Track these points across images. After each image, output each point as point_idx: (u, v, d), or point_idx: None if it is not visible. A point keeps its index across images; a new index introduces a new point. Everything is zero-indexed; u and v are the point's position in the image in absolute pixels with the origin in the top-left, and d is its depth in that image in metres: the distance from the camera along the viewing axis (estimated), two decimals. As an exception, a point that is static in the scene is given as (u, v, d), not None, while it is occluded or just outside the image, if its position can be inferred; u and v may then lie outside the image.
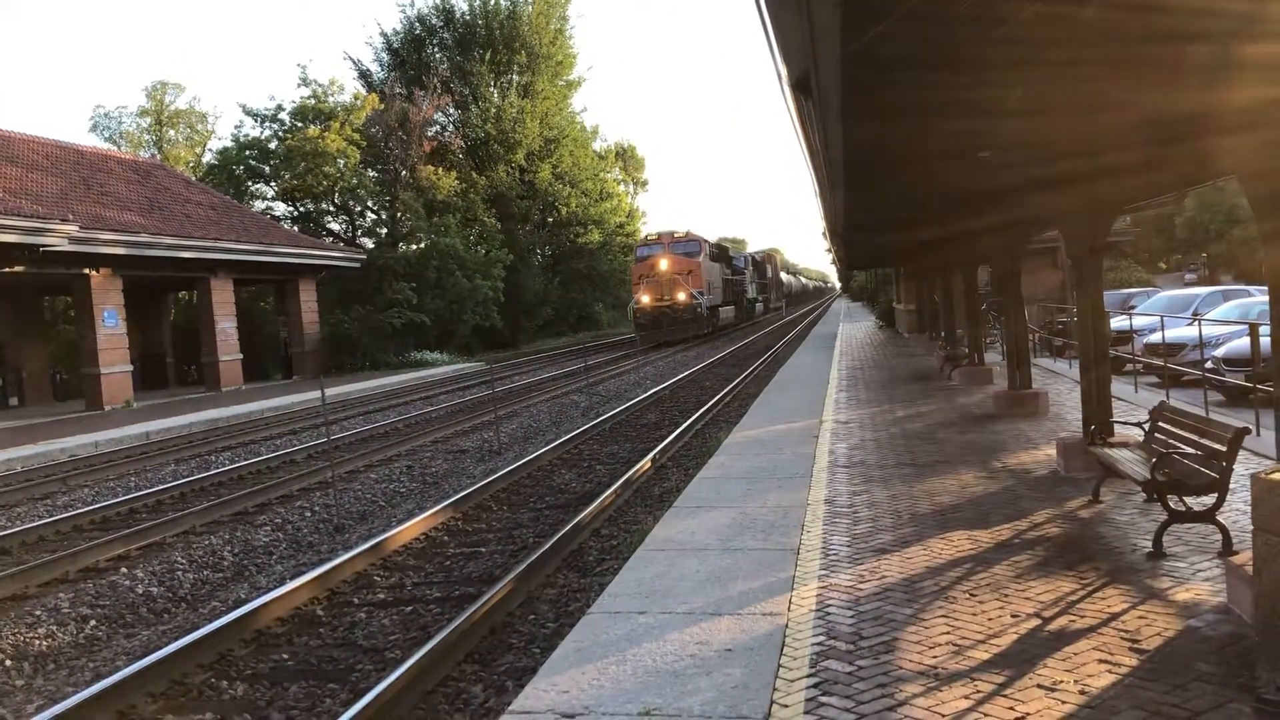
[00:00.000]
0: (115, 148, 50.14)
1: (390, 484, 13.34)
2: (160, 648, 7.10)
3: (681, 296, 43.25)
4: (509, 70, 56.61)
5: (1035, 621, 5.29)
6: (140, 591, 8.83)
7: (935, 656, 4.88)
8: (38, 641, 7.63)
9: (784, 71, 4.79)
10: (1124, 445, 8.24)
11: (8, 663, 7.23)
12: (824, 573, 6.42)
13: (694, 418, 17.29)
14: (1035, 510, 7.76)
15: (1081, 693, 4.37)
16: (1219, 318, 16.59)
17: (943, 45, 4.69)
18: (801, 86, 4.85)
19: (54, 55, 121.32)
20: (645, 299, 43.58)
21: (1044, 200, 9.57)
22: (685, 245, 45.46)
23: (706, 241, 47.69)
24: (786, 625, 5.47)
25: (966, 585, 5.99)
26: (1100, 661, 4.70)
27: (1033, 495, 8.30)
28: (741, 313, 61.38)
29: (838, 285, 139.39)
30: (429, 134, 50.84)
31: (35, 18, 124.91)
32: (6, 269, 25.73)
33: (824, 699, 4.48)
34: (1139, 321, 18.25)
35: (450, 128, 54.91)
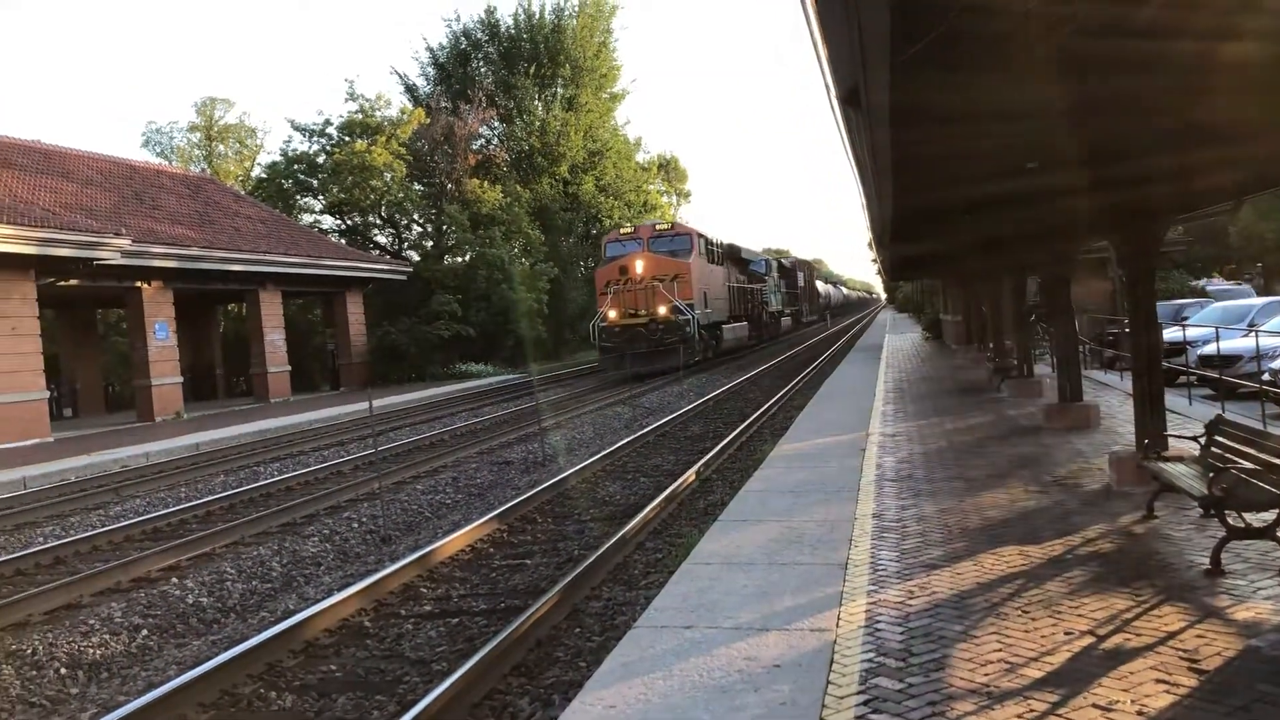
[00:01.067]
0: (166, 163, 51.03)
1: (436, 495, 13.41)
2: (210, 658, 7.16)
3: (662, 310, 32.57)
4: (553, 83, 56.93)
5: (1089, 639, 5.19)
6: (190, 601, 8.93)
7: (987, 674, 4.80)
8: (91, 650, 7.73)
9: (833, 85, 4.77)
10: (1179, 459, 8.08)
11: (63, 671, 7.33)
12: (873, 588, 6.35)
13: (738, 430, 17.23)
14: (1087, 525, 7.63)
15: (1139, 713, 4.28)
16: (1276, 328, 16.26)
17: (993, 54, 4.64)
18: (850, 99, 4.82)
19: (107, 74, 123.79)
20: (612, 314, 33.08)
21: (1095, 209, 9.43)
22: (670, 241, 35.05)
23: (701, 236, 36.39)
24: (835, 641, 5.41)
25: (1018, 601, 5.89)
26: (1158, 681, 4.60)
27: (1085, 510, 8.17)
28: (761, 329, 50.27)
29: (883, 296, 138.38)
30: (474, 147, 51.24)
31: (89, 38, 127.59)
32: (61, 282, 26.24)
33: (874, 717, 4.42)
34: (1192, 333, 17.94)
35: (495, 141, 55.31)
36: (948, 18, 3.73)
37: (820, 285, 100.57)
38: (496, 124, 55.09)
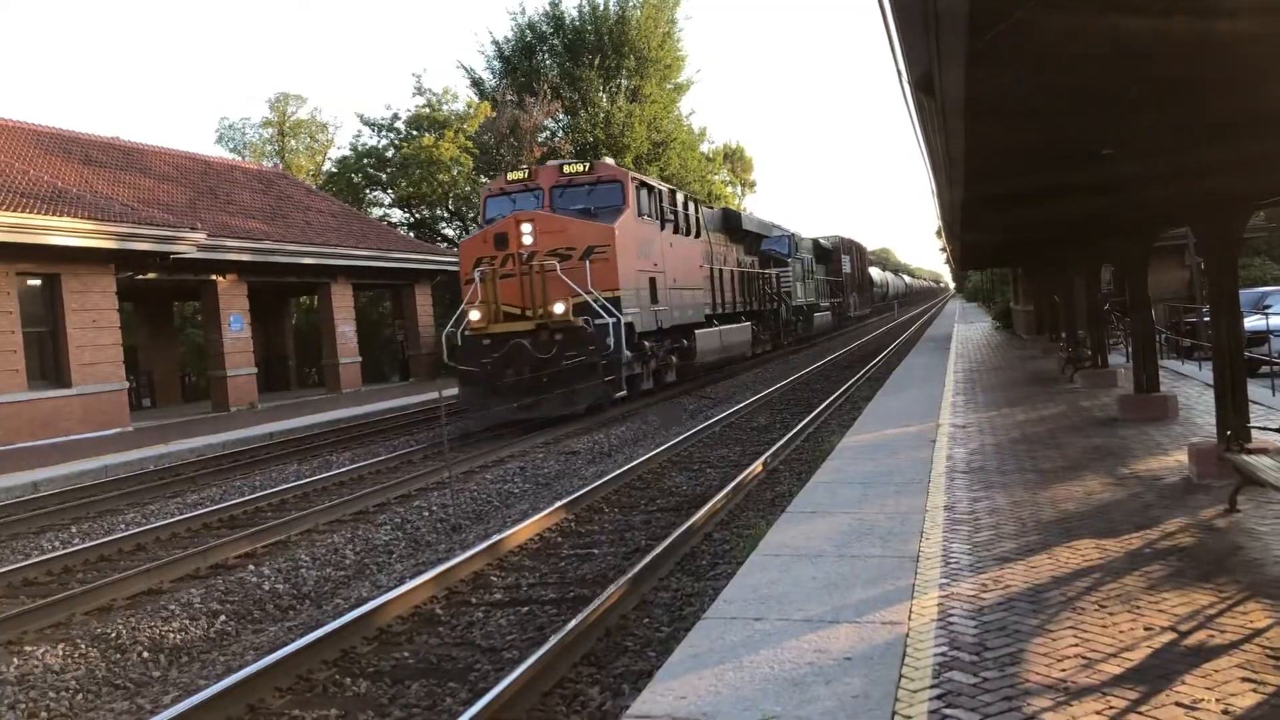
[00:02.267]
0: (240, 158, 52.03)
1: (504, 484, 13.52)
2: (287, 644, 7.31)
3: (559, 308, 19.54)
4: (617, 75, 56.95)
5: (1170, 635, 5.08)
6: (267, 588, 9.11)
7: (1064, 670, 4.72)
8: (172, 635, 7.93)
9: (905, 70, 4.70)
10: (1263, 451, 7.86)
11: (145, 654, 7.53)
12: (945, 581, 6.27)
13: (805, 421, 17.12)
14: (1167, 519, 7.46)
15: (1224, 712, 4.17)
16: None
17: (1073, 35, 4.54)
18: (923, 84, 4.75)
19: (183, 71, 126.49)
20: (476, 314, 19.92)
21: (1174, 196, 9.20)
22: (587, 194, 21.56)
23: (645, 186, 22.90)
24: (907, 634, 5.35)
25: (1095, 596, 5.78)
26: (1244, 680, 4.48)
27: (1163, 503, 7.99)
28: (777, 331, 37.92)
29: (951, 286, 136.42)
30: (539, 140, 51.47)
31: (167, 35, 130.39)
32: (140, 276, 26.90)
33: (948, 711, 4.36)
34: (1275, 321, 17.44)
35: (560, 133, 55.50)
36: (1028, 2, 3.66)
37: (876, 272, 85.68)
38: (561, 116, 55.27)
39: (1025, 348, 28.57)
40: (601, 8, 56.53)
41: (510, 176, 22.20)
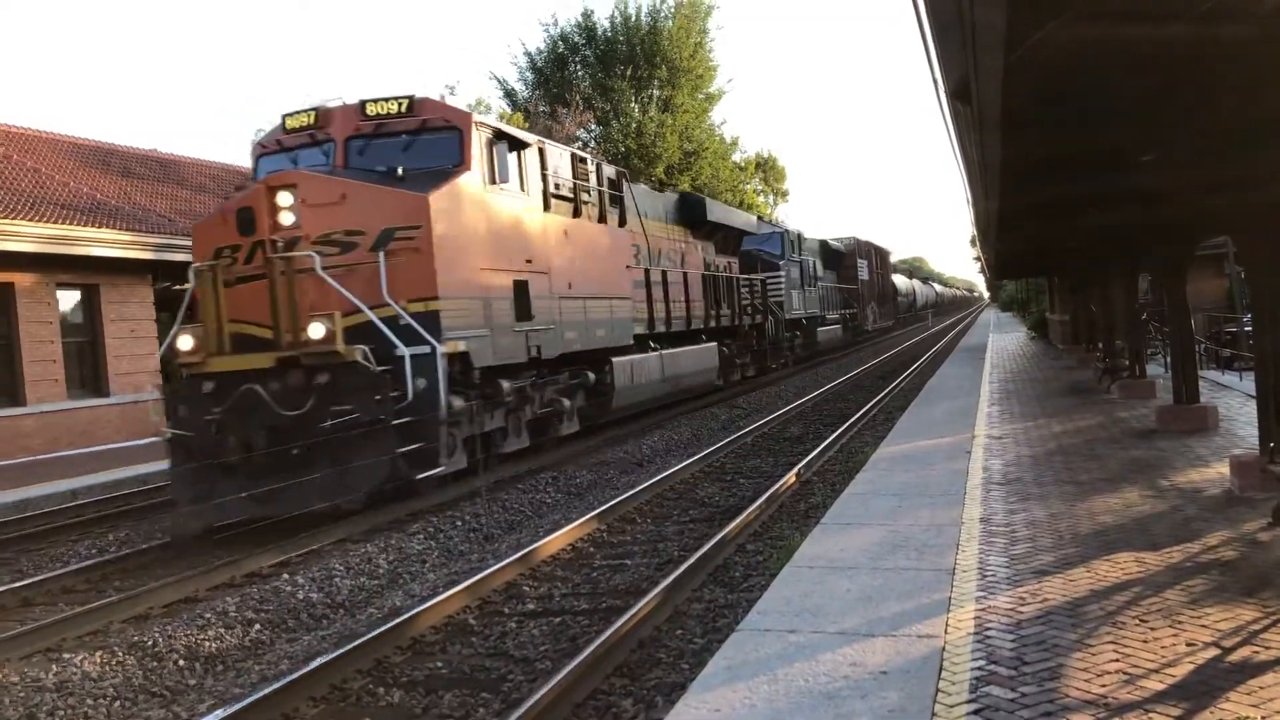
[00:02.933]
0: (276, 170, 52.44)
1: (537, 494, 13.53)
2: (321, 653, 7.34)
3: (317, 332, 11.50)
4: (649, 85, 57.04)
5: (1214, 651, 4.99)
6: (301, 597, 9.15)
7: (1104, 685, 4.65)
8: (207, 643, 7.98)
9: (941, 80, 4.67)
10: (1307, 464, 7.70)
11: (181, 662, 7.59)
12: (981, 594, 6.21)
13: (839, 431, 17.04)
14: (1208, 532, 7.34)
15: (1270, 730, 4.10)
16: None
17: (1111, 45, 4.50)
18: (959, 94, 4.72)
19: (221, 83, 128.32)
20: (186, 342, 12.13)
21: (1215, 204, 9.08)
22: (403, 148, 13.51)
23: (506, 135, 14.72)
24: (944, 648, 5.30)
25: (1135, 610, 5.70)
26: (1290, 697, 4.40)
27: (1204, 516, 7.87)
28: (761, 352, 30.34)
29: (985, 295, 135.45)
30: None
31: (200, 49, 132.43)
32: (176, 286, 27.20)
33: (987, 727, 4.31)
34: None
35: (592, 143, 55.66)
36: (1067, 14, 3.63)
37: (902, 280, 78.40)
38: (593, 126, 55.40)
39: (1061, 358, 28.30)
40: (634, 19, 56.69)
41: (290, 124, 13.82)
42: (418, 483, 12.26)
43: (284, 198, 12.28)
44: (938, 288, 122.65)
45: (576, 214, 16.76)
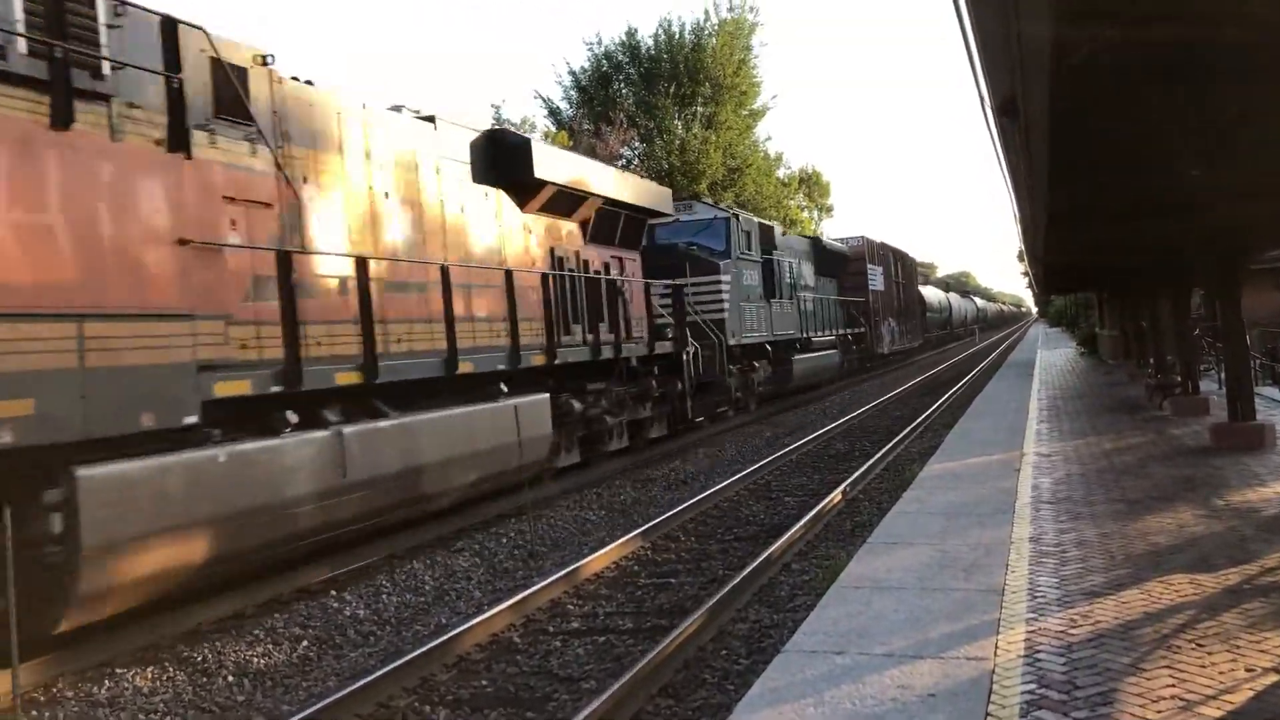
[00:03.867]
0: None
1: (581, 512, 13.54)
2: (367, 670, 7.38)
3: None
4: (693, 102, 57.18)
5: (1274, 677, 4.88)
6: (348, 614, 9.21)
7: (1160, 711, 4.56)
8: (256, 659, 8.05)
9: (987, 94, 4.64)
10: (1369, 484, 7.41)
11: (230, 679, 7.66)
12: (1032, 616, 6.11)
13: (885, 449, 16.90)
14: (1266, 553, 7.18)
15: (1332, 759, 3.99)
16: None
17: (1160, 59, 4.44)
18: (1006, 109, 4.68)
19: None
20: None
21: (1271, 216, 8.94)
22: None
23: None
24: (993, 671, 5.22)
25: (1191, 634, 5.58)
26: (1353, 725, 4.28)
27: (1262, 537, 7.70)
28: (674, 398, 18.67)
29: (1034, 310, 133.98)
30: (615, 167, 51.86)
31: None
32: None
33: (1038, 752, 4.24)
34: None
35: (635, 160, 55.85)
36: (1115, 24, 3.58)
37: (934, 293, 66.61)
38: (637, 144, 55.60)
39: (1111, 374, 27.89)
40: (677, 37, 56.92)
41: None
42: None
43: None
44: (980, 302, 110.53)
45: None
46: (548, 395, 13.41)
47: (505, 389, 12.64)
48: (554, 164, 14.72)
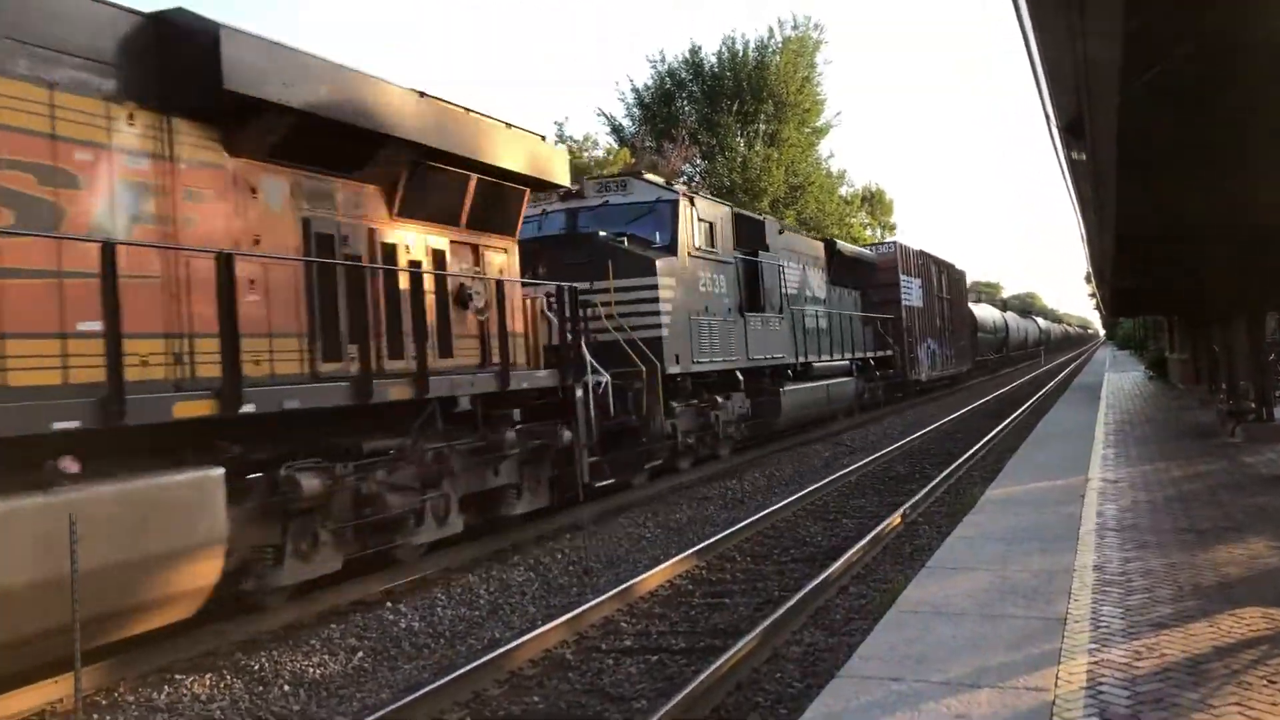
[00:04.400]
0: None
1: (636, 529, 13.51)
2: (421, 683, 7.41)
3: None
4: (755, 120, 57.18)
5: (1349, 718, 4.70)
6: (403, 626, 9.26)
7: (1229, 750, 4.41)
8: (312, 670, 8.12)
9: (1053, 114, 4.56)
10: None
11: (286, 688, 7.73)
12: (1094, 646, 5.97)
13: (946, 472, 16.67)
14: (1343, 588, 6.95)
15: None
16: None
17: (1232, 78, 4.33)
18: (1072, 128, 4.60)
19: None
20: None
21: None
22: None
23: None
24: (1054, 702, 5.10)
25: (1263, 670, 5.41)
26: None
27: (1339, 570, 7.45)
28: (563, 458, 12.92)
29: (1101, 332, 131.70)
30: (677, 184, 51.93)
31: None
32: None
33: (1100, 789, 4.12)
34: None
35: (697, 178, 55.94)
36: (1186, 43, 3.50)
37: (988, 312, 61.13)
38: (699, 161, 55.69)
39: (1181, 399, 27.26)
40: (741, 55, 56.98)
41: None
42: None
43: None
44: (1042, 323, 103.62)
45: None
46: (205, 475, 7.78)
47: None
48: (291, 73, 8.89)
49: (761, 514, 13.42)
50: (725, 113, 55.53)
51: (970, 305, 53.52)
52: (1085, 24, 3.12)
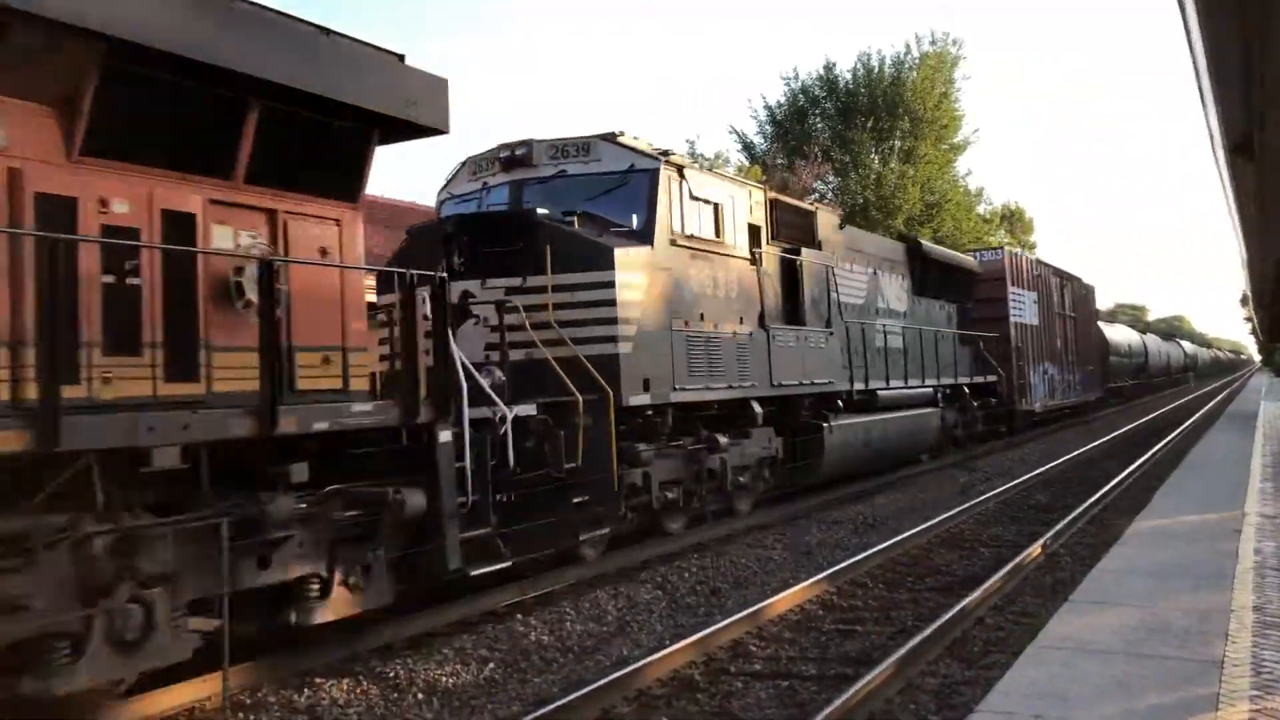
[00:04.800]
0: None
1: (764, 551, 13.38)
2: (550, 698, 7.46)
3: None
4: (890, 136, 56.39)
5: None
6: (533, 639, 9.36)
7: None
8: (445, 679, 8.26)
9: (1220, 133, 4.34)
10: None
11: (420, 696, 7.89)
12: (1256, 693, 5.64)
13: (1089, 501, 16.05)
14: None
15: None
16: None
17: None
18: (1241, 148, 4.37)
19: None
20: None
21: None
22: None
23: None
24: (1212, 752, 4.83)
25: None
26: None
27: None
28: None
29: (1256, 358, 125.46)
30: (808, 201, 51.57)
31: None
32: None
33: None
34: None
35: (829, 195, 55.42)
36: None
37: (1119, 333, 54.96)
38: (831, 178, 55.18)
39: (1347, 430, 25.70)
40: (876, 70, 56.30)
41: None
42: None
43: None
44: (1188, 347, 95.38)
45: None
46: None
47: None
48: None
49: (894, 540, 13.13)
50: (859, 129, 54.93)
51: (1102, 325, 48.95)
52: (1268, 31, 2.95)
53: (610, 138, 13.22)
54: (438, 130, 9.15)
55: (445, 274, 9.11)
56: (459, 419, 8.92)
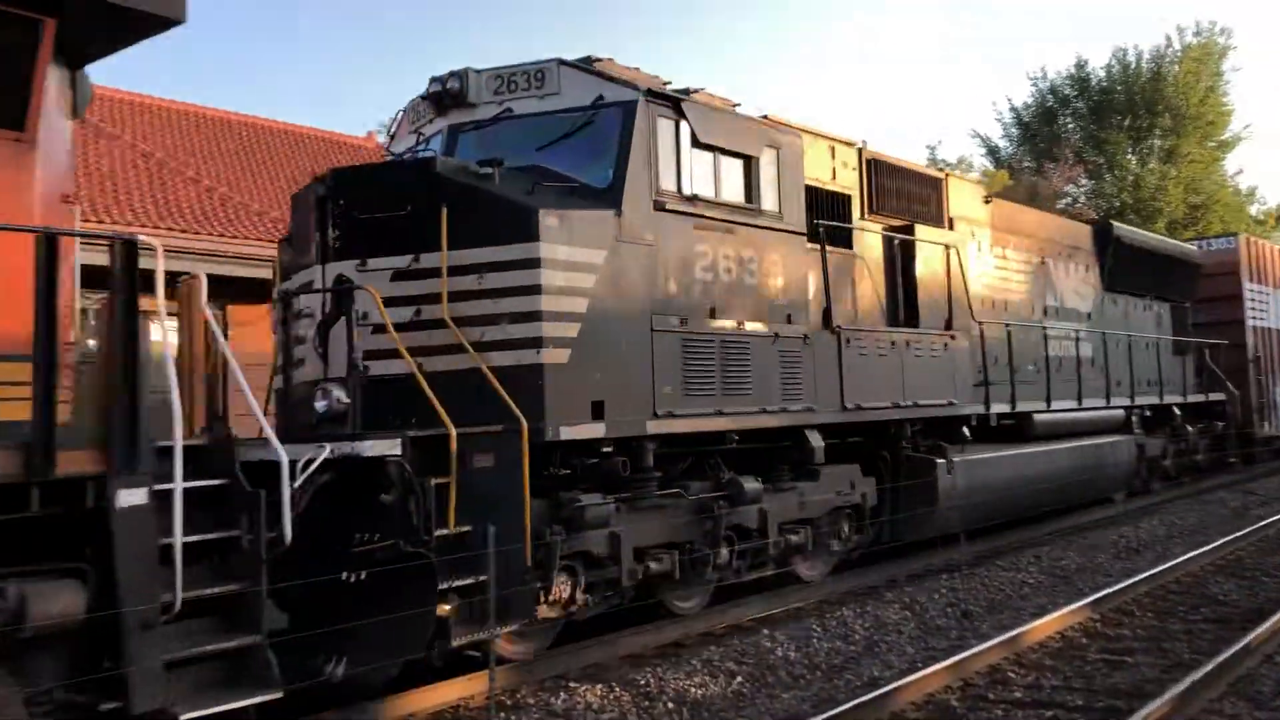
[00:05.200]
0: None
1: (1018, 574, 12.83)
2: (800, 715, 7.41)
3: None
4: (1149, 135, 53.04)
5: None
6: (779, 654, 9.31)
7: None
8: (693, 689, 8.34)
9: None
10: None
11: (670, 705, 8.00)
12: None
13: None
14: None
15: None
16: None
17: None
18: None
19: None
20: None
21: None
22: None
23: None
24: None
25: None
26: None
27: None
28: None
29: None
30: (1058, 206, 49.22)
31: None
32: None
33: None
34: None
35: (1081, 199, 52.69)
36: None
37: None
38: (1084, 181, 52.46)
39: None
40: (1133, 66, 53.07)
41: None
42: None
43: None
44: None
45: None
46: None
47: None
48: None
49: (1162, 567, 12.31)
50: (1115, 129, 51.95)
51: None
52: None
53: (575, 63, 9.50)
54: (169, 20, 5.85)
55: (132, 238, 5.48)
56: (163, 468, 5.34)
